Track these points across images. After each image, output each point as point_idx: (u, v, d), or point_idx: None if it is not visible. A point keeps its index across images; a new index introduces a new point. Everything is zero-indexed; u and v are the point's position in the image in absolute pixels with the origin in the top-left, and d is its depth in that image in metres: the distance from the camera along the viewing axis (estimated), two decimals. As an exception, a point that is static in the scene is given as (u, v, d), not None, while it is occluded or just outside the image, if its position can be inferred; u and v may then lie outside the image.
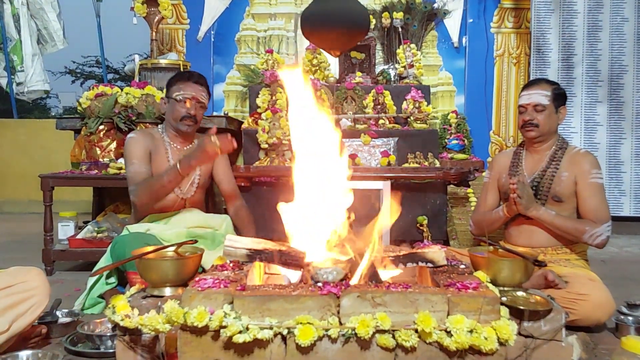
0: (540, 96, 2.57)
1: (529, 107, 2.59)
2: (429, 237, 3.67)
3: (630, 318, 2.34)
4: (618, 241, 4.71)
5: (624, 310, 2.40)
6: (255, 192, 3.69)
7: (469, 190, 4.27)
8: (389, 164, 3.80)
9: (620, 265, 3.95)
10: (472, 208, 4.18)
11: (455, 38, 5.73)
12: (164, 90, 2.94)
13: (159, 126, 2.92)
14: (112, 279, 2.73)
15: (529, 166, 2.67)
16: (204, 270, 2.05)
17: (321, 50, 4.56)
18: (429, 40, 5.74)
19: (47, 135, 6.98)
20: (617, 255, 4.34)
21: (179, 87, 2.75)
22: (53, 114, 15.93)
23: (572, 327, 2.14)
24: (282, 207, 1.94)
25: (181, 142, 2.85)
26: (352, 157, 3.77)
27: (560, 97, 2.61)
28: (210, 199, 3.88)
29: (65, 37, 7.22)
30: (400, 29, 5.22)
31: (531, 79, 4.92)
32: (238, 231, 2.82)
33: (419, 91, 4.17)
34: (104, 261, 2.75)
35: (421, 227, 3.71)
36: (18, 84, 7.17)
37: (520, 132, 2.72)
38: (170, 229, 2.64)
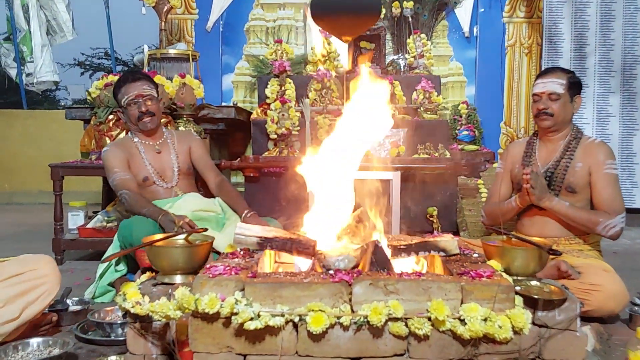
0: (556, 85, 2.53)
1: (544, 96, 2.55)
2: (439, 228, 3.64)
3: (644, 309, 2.31)
4: (630, 233, 4.67)
5: (638, 301, 2.37)
6: (264, 182, 3.68)
7: (480, 181, 4.23)
8: (398, 154, 3.77)
9: (633, 257, 3.92)
10: (483, 199, 4.15)
11: (466, 28, 5.68)
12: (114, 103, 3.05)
13: (129, 133, 3.00)
14: (121, 266, 2.75)
15: (543, 156, 2.64)
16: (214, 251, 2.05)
17: (331, 40, 4.52)
18: (439, 30, 5.69)
19: (56, 126, 7.01)
20: (629, 247, 4.30)
21: (122, 93, 2.84)
22: (62, 104, 15.97)
23: (585, 318, 2.12)
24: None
25: (152, 138, 2.93)
26: (362, 147, 3.75)
27: (575, 86, 2.57)
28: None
29: (74, 28, 7.22)
30: (410, 19, 5.18)
31: (543, 69, 4.86)
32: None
33: (429, 81, 4.14)
34: (112, 248, 2.76)
35: (431, 218, 3.69)
36: (27, 75, 7.18)
37: (534, 121, 2.68)
38: (175, 212, 2.64)
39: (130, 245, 2.62)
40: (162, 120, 3.78)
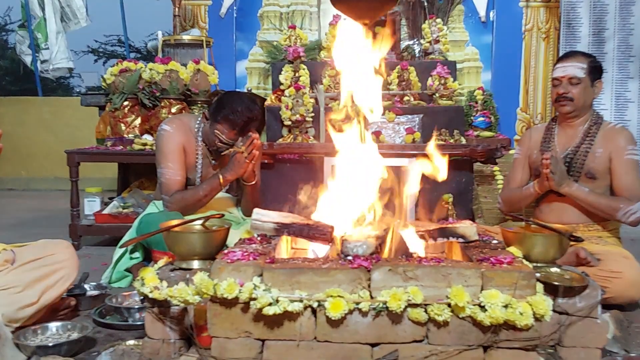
0: (576, 69, 2.49)
1: (564, 80, 2.51)
2: (454, 215, 3.61)
3: (664, 297, 2.28)
4: (648, 221, 4.60)
5: (658, 289, 2.34)
6: (279, 169, 3.66)
7: (495, 168, 4.19)
8: (413, 141, 3.75)
9: (651, 244, 3.86)
10: (499, 186, 4.11)
11: (482, 12, 5.58)
12: (210, 111, 2.63)
13: (197, 121, 2.70)
14: (137, 254, 2.75)
15: (562, 142, 2.60)
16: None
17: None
18: (455, 15, 5.60)
19: (71, 113, 7.04)
20: (647, 234, 4.24)
21: (224, 128, 2.52)
22: (77, 91, 16.05)
23: (604, 305, 2.09)
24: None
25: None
26: (376, 134, 3.72)
27: (596, 71, 2.52)
28: (235, 182, 3.87)
29: (88, 14, 7.22)
30: (425, 3, 5.10)
31: (561, 54, 4.79)
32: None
33: (445, 67, 4.08)
34: (130, 237, 2.76)
35: (446, 205, 3.66)
36: (42, 62, 7.21)
37: (554, 106, 2.64)
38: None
39: (149, 245, 2.62)
40: (177, 107, 3.79)
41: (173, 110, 3.75)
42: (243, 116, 2.51)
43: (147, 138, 3.69)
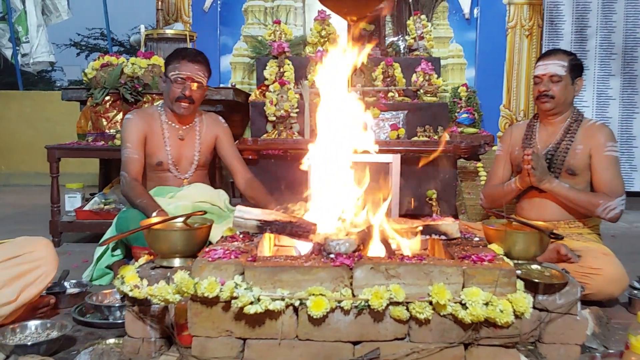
0: (557, 67, 2.51)
1: (545, 78, 2.53)
2: (438, 211, 3.63)
3: (643, 293, 2.31)
4: (628, 217, 4.66)
5: (637, 285, 2.37)
6: (263, 165, 3.65)
7: (479, 164, 4.22)
8: (398, 137, 3.75)
9: (631, 240, 3.92)
10: (482, 182, 4.14)
11: (466, 9, 5.61)
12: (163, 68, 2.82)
13: (159, 104, 2.85)
14: (118, 251, 2.73)
15: (543, 139, 2.62)
16: (210, 244, 2.03)
17: (329, 21, 4.47)
18: (439, 12, 5.62)
19: (52, 108, 6.96)
20: (627, 230, 4.31)
21: (175, 66, 2.68)
22: (58, 85, 15.86)
23: (584, 302, 2.11)
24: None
25: (179, 122, 2.80)
26: (361, 130, 3.72)
27: (577, 68, 2.54)
28: (218, 172, 3.85)
29: (69, 7, 7.13)
30: (410, 0, 5.11)
31: (543, 51, 4.81)
32: (251, 202, 2.78)
33: (429, 63, 4.10)
34: (110, 234, 2.74)
35: (430, 201, 3.67)
36: (23, 55, 7.12)
37: (535, 104, 2.66)
38: (175, 202, 2.61)
39: (128, 241, 2.60)
40: (159, 102, 3.75)
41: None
42: (190, 50, 2.77)
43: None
